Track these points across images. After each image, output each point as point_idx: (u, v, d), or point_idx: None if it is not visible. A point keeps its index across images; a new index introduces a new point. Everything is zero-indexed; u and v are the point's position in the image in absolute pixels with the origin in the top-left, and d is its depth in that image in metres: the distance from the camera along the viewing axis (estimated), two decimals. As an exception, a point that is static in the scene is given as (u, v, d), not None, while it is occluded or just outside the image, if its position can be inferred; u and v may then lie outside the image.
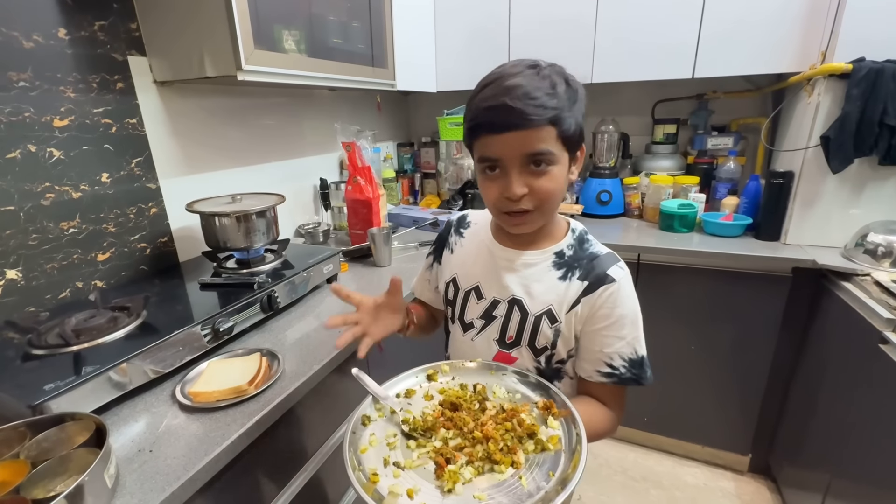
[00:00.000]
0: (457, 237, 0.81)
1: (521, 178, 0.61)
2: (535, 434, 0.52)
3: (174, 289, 1.08)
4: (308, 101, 1.71)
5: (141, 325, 0.85)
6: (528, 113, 0.56)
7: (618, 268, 0.66)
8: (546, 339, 0.67)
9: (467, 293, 0.74)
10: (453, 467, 0.48)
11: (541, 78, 0.58)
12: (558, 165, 0.61)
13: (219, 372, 0.82)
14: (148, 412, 0.75)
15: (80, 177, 1.01)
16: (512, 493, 0.46)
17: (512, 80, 0.58)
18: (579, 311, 0.65)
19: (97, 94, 1.02)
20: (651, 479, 1.72)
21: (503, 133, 0.59)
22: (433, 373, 0.67)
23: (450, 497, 0.46)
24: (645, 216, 1.88)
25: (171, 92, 1.18)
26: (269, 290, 1.03)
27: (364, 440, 0.55)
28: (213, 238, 1.13)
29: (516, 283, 0.69)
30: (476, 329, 0.73)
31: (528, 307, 0.68)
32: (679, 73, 1.60)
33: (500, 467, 0.48)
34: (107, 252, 1.08)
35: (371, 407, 0.60)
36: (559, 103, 0.57)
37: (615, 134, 1.88)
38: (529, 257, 0.70)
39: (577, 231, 0.72)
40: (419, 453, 0.52)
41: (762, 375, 1.56)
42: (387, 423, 0.58)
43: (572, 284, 0.66)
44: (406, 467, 0.50)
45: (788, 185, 1.47)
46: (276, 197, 1.20)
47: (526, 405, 0.57)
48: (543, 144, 0.59)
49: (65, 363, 0.73)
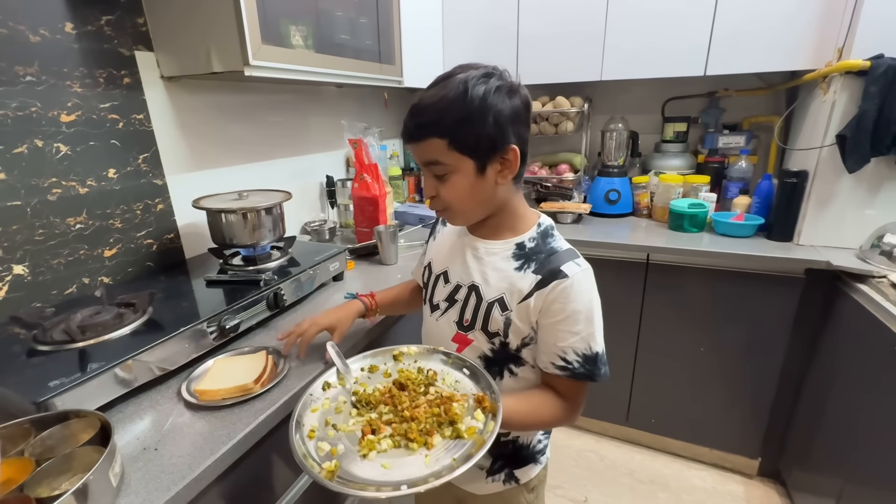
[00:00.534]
0: (441, 226, 0.87)
1: (429, 180, 0.69)
2: (455, 422, 0.57)
3: (180, 285, 1.07)
4: (315, 98, 1.70)
5: (147, 322, 0.85)
6: (412, 128, 0.66)
7: (573, 264, 0.67)
8: (497, 325, 0.70)
9: (437, 277, 0.79)
10: (373, 438, 0.55)
11: (439, 90, 0.63)
12: (457, 174, 0.65)
13: (225, 370, 0.81)
14: (153, 410, 0.74)
15: (86, 172, 1.00)
16: (413, 468, 0.51)
17: (417, 98, 0.66)
18: (532, 304, 0.67)
19: (104, 90, 1.02)
20: (658, 482, 1.70)
21: (406, 144, 0.69)
22: (399, 354, 0.73)
23: (363, 462, 0.53)
24: (654, 216, 1.85)
25: (178, 87, 1.18)
26: (275, 287, 1.02)
27: (318, 402, 0.64)
28: (219, 235, 1.12)
29: (477, 270, 0.73)
30: (441, 311, 0.78)
31: (483, 293, 0.72)
32: (691, 70, 1.58)
33: (414, 445, 0.54)
34: (113, 248, 1.07)
35: (334, 376, 0.68)
36: (443, 117, 0.62)
37: (624, 132, 1.86)
38: (492, 246, 0.73)
39: (542, 226, 0.74)
40: (355, 420, 0.59)
41: (773, 378, 1.54)
42: (342, 392, 0.66)
43: (526, 276, 0.68)
44: (340, 430, 0.58)
45: (802, 184, 1.44)
46: (283, 194, 1.19)
47: (464, 395, 0.62)
48: (432, 156, 0.65)
49: (70, 359, 0.73)
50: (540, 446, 0.84)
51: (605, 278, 1.71)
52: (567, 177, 1.93)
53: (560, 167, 1.98)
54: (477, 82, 0.62)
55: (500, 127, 0.63)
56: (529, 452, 0.81)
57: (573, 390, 0.70)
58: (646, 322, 1.66)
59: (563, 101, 1.84)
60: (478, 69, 0.64)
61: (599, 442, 1.90)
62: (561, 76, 1.79)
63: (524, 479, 0.82)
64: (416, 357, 0.73)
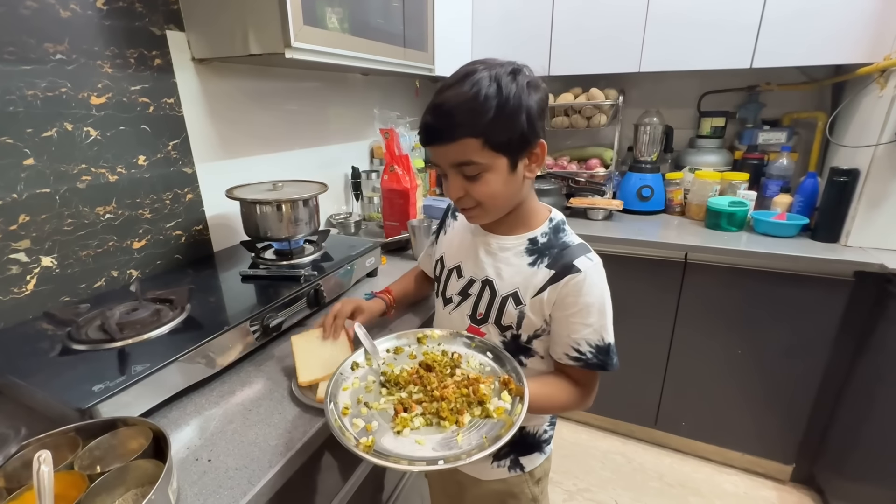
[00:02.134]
0: (451, 220, 0.88)
1: (457, 181, 0.67)
2: (484, 403, 0.58)
3: (212, 280, 1.02)
4: (340, 86, 1.63)
5: (186, 321, 0.79)
6: (445, 131, 0.63)
7: (586, 258, 0.68)
8: (511, 318, 0.72)
9: (450, 271, 0.80)
10: (406, 415, 0.57)
11: (468, 88, 0.61)
12: (491, 172, 0.65)
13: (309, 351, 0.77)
14: (199, 415, 0.69)
15: (116, 159, 0.94)
16: (445, 444, 0.53)
17: (440, 97, 0.64)
18: (545, 298, 0.69)
19: (134, 71, 0.96)
20: (689, 486, 1.66)
21: (431, 146, 0.66)
22: (423, 337, 0.74)
23: (398, 437, 0.55)
24: (688, 213, 1.80)
25: (209, 71, 1.11)
26: (315, 283, 0.96)
27: (349, 381, 0.65)
28: (252, 227, 1.06)
29: (490, 264, 0.74)
30: (454, 304, 0.79)
31: (497, 288, 0.73)
32: (736, 62, 1.51)
33: (445, 423, 0.56)
34: (142, 239, 1.02)
35: (362, 356, 0.70)
36: (479, 116, 0.60)
37: (659, 126, 1.79)
38: (505, 242, 0.74)
39: (554, 220, 0.74)
40: (386, 399, 0.61)
41: (813, 382, 1.49)
42: (370, 372, 0.68)
43: (540, 271, 0.70)
44: (372, 407, 0.60)
45: (853, 183, 1.38)
46: (319, 185, 1.13)
47: (490, 378, 0.63)
48: (466, 156, 0.63)
49: (109, 361, 0.68)
50: (546, 436, 0.85)
51: (640, 278, 1.68)
52: (598, 172, 1.87)
53: (590, 162, 1.92)
54: (508, 80, 0.62)
55: (532, 123, 0.63)
56: (535, 440, 0.83)
57: (587, 378, 0.72)
58: (681, 323, 1.61)
59: (597, 94, 1.77)
60: (502, 65, 0.64)
61: (626, 444, 1.86)
62: (596, 67, 1.72)
63: (529, 466, 0.83)
64: (439, 340, 0.74)
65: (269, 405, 0.71)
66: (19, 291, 0.82)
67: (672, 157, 1.94)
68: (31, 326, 0.80)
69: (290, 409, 0.70)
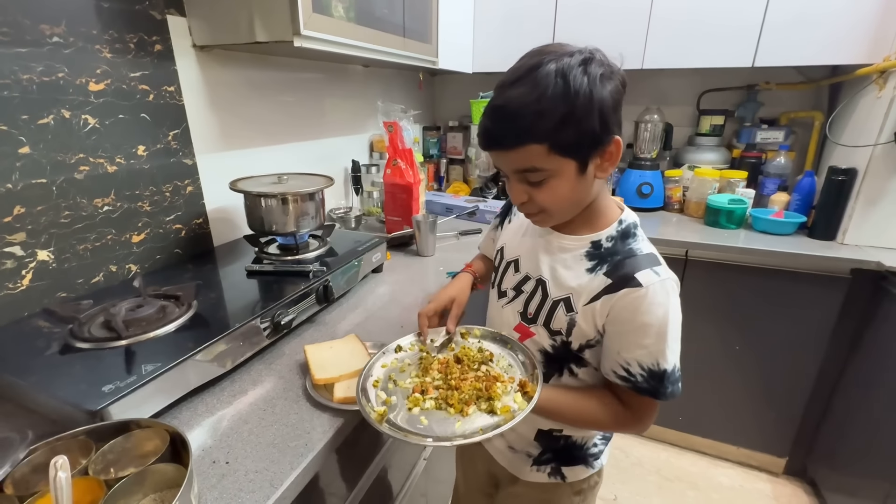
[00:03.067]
0: (515, 209, 0.81)
1: (519, 186, 0.63)
2: (492, 399, 0.60)
3: (215, 276, 0.99)
4: (340, 78, 1.60)
5: (193, 318, 0.76)
6: (504, 136, 0.58)
7: (651, 272, 0.60)
8: (560, 324, 0.67)
9: (508, 264, 0.77)
10: (420, 396, 0.61)
11: (531, 88, 0.55)
12: (557, 178, 0.59)
13: (323, 357, 0.76)
14: (211, 415, 0.67)
15: (115, 148, 0.90)
16: (443, 427, 0.58)
17: (499, 98, 0.58)
18: (598, 308, 0.63)
19: (134, 57, 0.91)
20: (686, 480, 1.68)
21: (491, 151, 0.61)
22: (466, 332, 0.77)
23: (409, 413, 0.60)
24: (686, 210, 1.81)
25: (210, 59, 1.07)
26: (324, 279, 0.94)
27: (388, 359, 0.72)
28: (257, 221, 1.03)
29: (546, 264, 0.70)
30: (507, 298, 0.76)
31: (549, 290, 0.69)
32: (738, 61, 1.52)
33: (451, 410, 0.59)
34: (142, 233, 0.98)
35: (408, 341, 0.75)
36: (544, 120, 0.55)
37: (659, 124, 1.80)
38: (566, 242, 0.68)
39: (624, 223, 0.67)
40: (411, 380, 0.66)
41: (808, 377, 1.52)
42: (410, 356, 0.73)
43: (596, 278, 0.64)
44: (398, 385, 0.66)
45: (851, 182, 1.41)
46: (325, 179, 1.10)
47: (511, 379, 0.65)
48: (529, 163, 0.58)
49: (116, 360, 0.65)
50: (595, 450, 0.79)
51: None
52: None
53: (590, 158, 1.91)
54: (578, 73, 0.54)
55: (605, 119, 0.56)
56: (582, 453, 0.77)
57: (636, 402, 0.64)
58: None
59: (599, 90, 1.76)
60: (571, 54, 0.55)
61: (623, 438, 1.88)
62: (599, 63, 1.72)
63: (571, 478, 0.78)
64: (480, 337, 0.76)
65: (285, 405, 0.69)
66: (14, 287, 0.78)
67: (671, 155, 1.95)
68: (27, 324, 0.76)
69: (307, 409, 0.68)
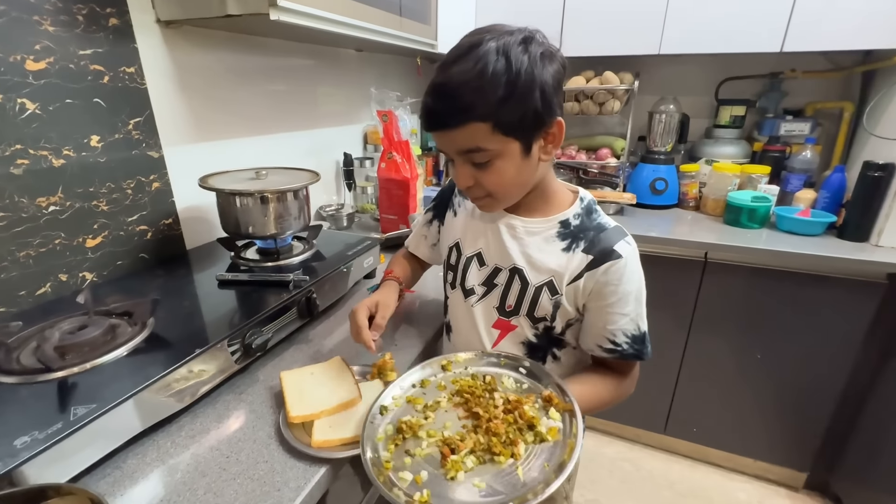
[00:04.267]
0: (461, 199, 0.78)
1: (465, 169, 0.61)
2: (535, 426, 0.53)
3: (184, 285, 0.87)
4: (331, 64, 1.46)
5: (149, 339, 0.64)
6: (447, 115, 0.56)
7: (625, 243, 0.64)
8: (545, 310, 0.66)
9: (469, 259, 0.73)
10: (456, 457, 0.50)
11: (473, 64, 0.54)
12: (502, 158, 0.58)
13: (300, 386, 0.65)
14: (162, 464, 0.55)
15: (62, 139, 0.78)
16: (507, 482, 0.48)
17: (442, 74, 0.57)
18: (581, 285, 0.64)
19: (84, 31, 0.78)
20: (701, 496, 1.58)
21: (433, 132, 0.59)
22: (447, 363, 0.66)
23: (452, 483, 0.48)
24: (703, 208, 1.69)
25: (178, 36, 0.94)
26: (307, 289, 0.82)
27: (380, 430, 0.56)
28: (231, 222, 0.91)
29: (518, 251, 0.67)
30: (477, 295, 0.72)
31: (528, 277, 0.67)
32: (765, 45, 1.39)
33: (500, 458, 0.50)
34: (97, 236, 0.85)
35: (389, 398, 0.61)
36: (486, 97, 0.54)
37: (675, 115, 1.67)
38: (533, 225, 0.67)
39: (585, 200, 0.68)
40: (427, 442, 0.53)
41: (835, 389, 1.41)
42: (402, 411, 0.59)
43: (575, 256, 0.64)
44: (415, 455, 0.52)
45: (888, 178, 1.29)
46: (310, 174, 0.97)
47: (531, 396, 0.58)
48: (473, 142, 0.57)
49: (43, 399, 0.53)
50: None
51: (657, 276, 1.53)
52: (610, 163, 1.74)
53: (600, 152, 1.79)
54: (519, 52, 0.54)
55: (547, 100, 0.56)
56: None
57: (625, 368, 0.68)
58: (696, 326, 1.52)
59: (611, 77, 1.64)
60: (511, 33, 0.56)
61: (633, 450, 1.77)
62: (612, 48, 1.58)
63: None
64: (465, 364, 0.67)
65: (253, 450, 0.57)
66: (-65, 303, 0.66)
67: (686, 149, 1.82)
68: (-51, 347, 0.64)
69: (279, 456, 0.56)
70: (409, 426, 0.54)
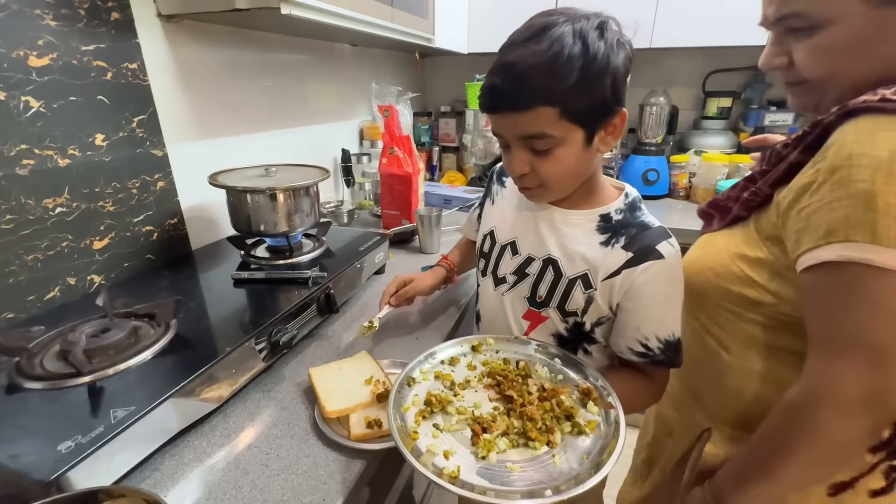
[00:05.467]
0: (498, 186, 0.77)
1: (523, 155, 0.59)
2: (572, 416, 0.52)
3: (195, 286, 0.85)
4: (327, 58, 1.44)
5: (174, 341, 0.63)
6: (515, 96, 0.54)
7: (668, 244, 0.60)
8: (577, 304, 0.64)
9: (503, 247, 0.71)
10: (489, 436, 0.49)
11: (546, 47, 0.52)
12: (564, 146, 0.57)
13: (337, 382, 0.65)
14: (199, 463, 0.55)
15: (67, 137, 0.75)
16: (544, 469, 0.46)
17: (509, 55, 0.54)
18: (618, 283, 0.61)
19: (86, 26, 0.76)
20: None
21: (497, 113, 0.58)
22: (478, 344, 0.65)
23: (483, 462, 0.47)
24: (693, 197, 1.74)
25: (180, 31, 0.92)
26: (325, 286, 0.82)
27: (408, 400, 0.55)
28: (243, 220, 0.90)
29: (554, 242, 0.66)
30: (508, 284, 0.70)
31: (563, 268, 0.65)
32: (753, 38, 1.43)
33: (536, 444, 0.48)
34: (104, 238, 0.83)
35: (418, 371, 0.60)
36: (559, 81, 0.52)
37: (666, 107, 1.72)
38: (572, 217, 0.65)
39: (630, 196, 0.66)
40: (457, 419, 0.52)
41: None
42: (430, 385, 0.58)
43: (614, 252, 0.61)
44: (444, 430, 0.51)
45: (869, 165, 1.35)
46: (319, 170, 0.97)
47: (567, 387, 0.57)
48: (538, 127, 0.55)
49: (76, 404, 0.51)
50: None
51: None
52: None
53: (593, 144, 1.82)
54: (595, 37, 0.52)
55: (616, 88, 0.55)
56: None
57: (655, 374, 0.65)
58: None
59: (604, 71, 1.66)
60: (588, 18, 0.54)
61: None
62: (604, 42, 1.61)
63: None
64: (496, 347, 0.66)
65: (292, 445, 0.57)
66: (-57, 310, 0.63)
67: (675, 140, 1.87)
68: (-38, 356, 0.61)
69: (320, 450, 0.56)
70: (438, 400, 0.53)
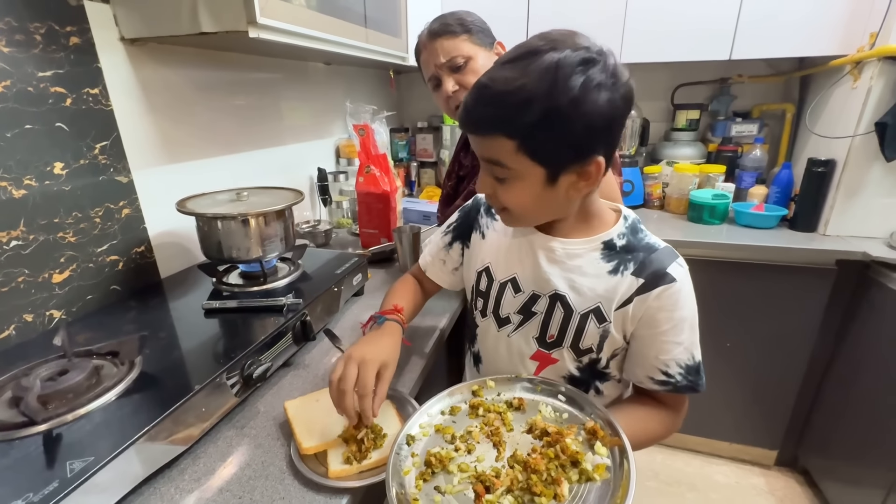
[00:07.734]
0: (488, 219, 0.73)
1: (486, 177, 0.58)
2: (579, 462, 0.48)
3: (166, 317, 0.81)
4: (300, 77, 1.44)
5: (139, 379, 0.60)
6: (477, 118, 0.54)
7: (678, 265, 0.59)
8: (592, 339, 0.62)
9: (503, 285, 0.67)
10: (492, 497, 0.46)
11: (517, 75, 0.49)
12: (521, 181, 0.55)
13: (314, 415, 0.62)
14: (167, 513, 0.51)
15: (22, 167, 0.72)
16: None
17: (489, 74, 0.53)
18: (630, 311, 0.59)
19: (42, 52, 0.73)
20: (684, 482, 1.65)
21: (465, 131, 0.57)
22: (478, 389, 0.62)
23: None
24: (667, 207, 1.78)
25: (144, 54, 0.90)
26: (301, 313, 0.79)
27: (407, 462, 0.52)
28: (214, 247, 0.87)
29: (559, 275, 0.62)
30: (513, 325, 0.67)
31: (572, 304, 0.61)
32: (715, 54, 1.50)
33: (542, 500, 0.45)
34: (65, 270, 0.79)
35: (416, 427, 0.57)
36: (519, 115, 0.49)
37: (637, 119, 1.76)
38: (573, 247, 0.62)
39: (629, 219, 0.63)
40: (459, 478, 0.49)
41: (798, 369, 1.52)
42: (431, 441, 0.55)
43: (624, 280, 0.59)
44: (446, 492, 0.48)
45: (830, 173, 1.41)
46: (293, 192, 0.95)
47: (572, 427, 0.53)
48: (495, 154, 0.54)
49: (30, 457, 0.48)
50: None
51: None
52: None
53: (568, 157, 1.85)
54: (572, 70, 0.48)
55: (590, 134, 0.51)
56: None
57: (677, 401, 0.63)
58: (670, 319, 1.59)
59: (576, 86, 1.70)
60: (576, 48, 0.49)
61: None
62: (575, 58, 1.65)
63: None
64: (497, 390, 0.62)
65: (267, 487, 0.54)
66: None
67: (647, 151, 1.92)
68: None
69: (296, 490, 0.54)
70: (438, 459, 0.50)
